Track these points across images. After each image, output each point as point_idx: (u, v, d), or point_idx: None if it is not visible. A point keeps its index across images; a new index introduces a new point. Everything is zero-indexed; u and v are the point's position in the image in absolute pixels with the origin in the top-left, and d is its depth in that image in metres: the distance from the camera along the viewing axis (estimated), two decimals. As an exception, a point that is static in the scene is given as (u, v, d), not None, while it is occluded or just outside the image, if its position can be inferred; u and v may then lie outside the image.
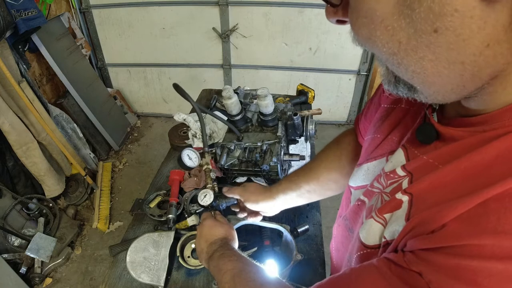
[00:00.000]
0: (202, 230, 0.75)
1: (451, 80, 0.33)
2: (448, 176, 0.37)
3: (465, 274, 0.30)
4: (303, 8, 2.73)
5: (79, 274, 2.03)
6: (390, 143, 0.52)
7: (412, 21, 0.30)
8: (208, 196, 0.83)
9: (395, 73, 0.37)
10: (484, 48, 0.29)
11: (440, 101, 0.37)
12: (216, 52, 3.06)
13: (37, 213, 2.15)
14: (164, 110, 3.53)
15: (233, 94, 1.14)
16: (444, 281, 0.32)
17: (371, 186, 0.52)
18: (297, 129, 1.13)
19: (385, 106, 0.58)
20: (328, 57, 2.97)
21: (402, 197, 0.41)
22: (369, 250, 0.47)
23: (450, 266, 0.31)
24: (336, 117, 3.38)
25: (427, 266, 0.33)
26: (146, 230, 1.02)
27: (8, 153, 2.06)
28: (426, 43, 0.31)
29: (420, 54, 0.32)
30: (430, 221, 0.35)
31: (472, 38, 0.29)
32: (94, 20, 3.01)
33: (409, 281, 0.35)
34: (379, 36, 0.33)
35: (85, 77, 2.83)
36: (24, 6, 2.04)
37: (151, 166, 2.89)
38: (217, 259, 0.66)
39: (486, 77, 0.32)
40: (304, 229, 0.98)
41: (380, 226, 0.44)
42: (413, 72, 0.33)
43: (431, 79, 0.33)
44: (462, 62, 0.31)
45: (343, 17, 0.38)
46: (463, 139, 0.37)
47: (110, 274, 0.90)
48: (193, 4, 2.82)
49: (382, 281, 0.38)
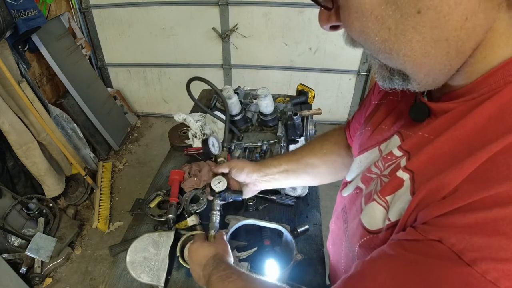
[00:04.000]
0: (191, 254, 0.72)
1: (438, 60, 0.35)
2: (445, 145, 0.38)
3: (486, 226, 0.29)
4: (303, 8, 2.73)
5: (79, 274, 2.03)
6: (381, 132, 0.53)
7: (398, 7, 0.33)
8: (222, 183, 0.83)
9: (388, 64, 0.39)
10: (463, 22, 0.32)
11: (431, 86, 0.39)
12: (216, 52, 3.06)
13: (37, 213, 2.15)
14: (164, 110, 3.53)
15: (233, 94, 1.14)
16: (466, 240, 0.30)
17: (368, 172, 0.53)
18: (297, 129, 1.14)
19: (375, 103, 0.60)
20: (328, 57, 2.98)
21: (402, 175, 0.42)
22: (372, 235, 0.46)
23: (470, 223, 0.30)
24: (336, 117, 3.38)
25: (446, 230, 0.32)
26: (146, 230, 1.02)
27: (8, 153, 2.06)
28: (412, 25, 0.33)
29: (408, 37, 0.34)
30: (439, 188, 0.35)
31: (452, 14, 0.32)
32: (94, 20, 3.01)
33: (429, 252, 0.33)
34: (371, 26, 0.36)
35: (85, 77, 2.83)
36: (24, 6, 2.04)
37: (151, 166, 2.89)
38: (216, 283, 0.61)
39: (469, 51, 0.35)
40: (304, 229, 0.98)
41: (383, 209, 0.44)
42: (404, 55, 0.36)
43: (420, 60, 0.36)
44: (446, 39, 0.33)
45: (336, 22, 0.40)
46: (454, 110, 0.39)
47: (110, 274, 0.90)
48: (193, 4, 2.82)
49: (397, 262, 0.36)
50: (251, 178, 0.84)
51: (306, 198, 1.12)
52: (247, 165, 0.84)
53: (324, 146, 0.82)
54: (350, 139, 0.76)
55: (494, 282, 0.28)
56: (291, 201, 1.07)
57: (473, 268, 0.29)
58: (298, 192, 1.10)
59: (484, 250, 0.29)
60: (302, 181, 0.86)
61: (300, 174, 0.82)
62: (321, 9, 0.41)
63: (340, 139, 0.81)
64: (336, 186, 2.32)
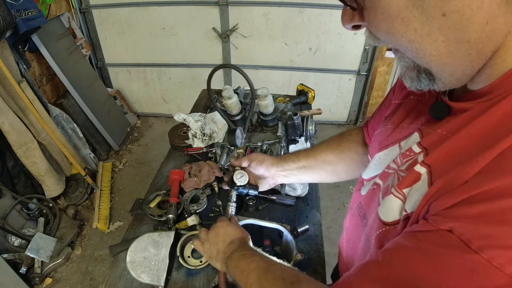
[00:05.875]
0: (218, 230, 0.73)
1: (460, 60, 0.38)
2: (462, 141, 0.39)
3: (494, 216, 0.31)
4: (303, 8, 2.73)
5: (79, 274, 2.03)
6: (401, 130, 0.55)
7: (424, 10, 0.35)
8: (244, 177, 0.85)
9: (415, 61, 0.41)
10: (484, 25, 0.34)
11: (454, 85, 0.41)
12: (216, 52, 3.06)
13: (37, 213, 2.15)
14: (164, 110, 3.53)
15: (233, 94, 1.14)
16: (474, 229, 0.32)
17: (387, 168, 0.54)
18: (297, 129, 1.14)
19: (395, 102, 0.62)
20: (328, 57, 2.98)
21: (420, 169, 0.43)
22: (388, 227, 0.48)
23: (478, 213, 0.32)
24: (336, 117, 3.38)
25: (455, 220, 0.34)
26: (146, 230, 1.02)
27: (8, 153, 2.06)
28: (437, 27, 0.36)
29: (434, 37, 0.37)
30: (453, 181, 0.36)
31: (474, 17, 0.34)
32: (94, 20, 3.01)
33: (439, 241, 0.35)
34: (397, 27, 0.38)
35: (85, 77, 2.84)
36: (24, 6, 2.04)
37: (151, 166, 2.89)
38: (237, 260, 0.63)
39: (489, 53, 0.37)
40: (304, 229, 0.98)
41: (400, 201, 0.46)
42: (430, 54, 0.38)
43: (445, 59, 0.38)
44: (468, 40, 0.36)
45: (359, 21, 0.42)
46: (472, 109, 0.41)
47: (110, 274, 0.91)
48: (193, 4, 2.82)
49: (411, 252, 0.38)
50: (270, 172, 0.87)
51: (306, 198, 1.12)
52: (267, 159, 0.87)
53: (342, 144, 0.84)
54: (368, 138, 0.77)
55: (500, 268, 0.30)
56: (291, 201, 1.07)
57: (480, 255, 0.31)
58: (298, 192, 1.10)
59: (490, 238, 0.31)
60: (319, 177, 0.88)
61: (317, 170, 0.85)
62: (345, 8, 0.42)
63: (358, 138, 0.83)
64: (336, 186, 2.34)
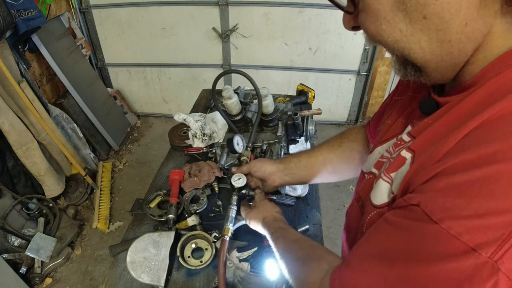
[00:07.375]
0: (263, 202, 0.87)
1: (443, 58, 0.41)
2: (442, 126, 0.43)
3: (453, 189, 0.34)
4: (303, 8, 2.73)
5: (79, 274, 2.04)
6: (399, 125, 0.58)
7: (407, 13, 0.39)
8: (242, 179, 0.88)
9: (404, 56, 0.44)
10: (463, 26, 0.38)
11: (440, 80, 0.45)
12: (216, 52, 3.06)
13: (37, 213, 2.15)
14: (164, 110, 3.53)
15: (233, 94, 1.14)
16: (435, 202, 0.36)
17: (381, 158, 0.57)
18: (297, 129, 1.14)
19: (395, 98, 0.65)
20: (328, 57, 2.98)
21: (405, 154, 0.47)
22: (379, 210, 0.51)
23: (441, 187, 0.36)
24: (336, 117, 3.38)
25: (423, 195, 0.38)
26: (146, 230, 1.02)
27: (8, 153, 2.06)
28: (420, 28, 0.39)
29: (417, 37, 0.40)
30: (428, 160, 0.40)
31: (453, 19, 0.37)
32: (94, 20, 3.01)
33: (408, 215, 0.39)
34: (384, 29, 0.42)
35: (85, 77, 2.84)
36: (24, 6, 2.04)
37: (151, 166, 2.89)
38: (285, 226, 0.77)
39: (470, 51, 0.41)
40: (304, 229, 0.98)
41: (388, 185, 0.49)
42: (415, 52, 0.42)
43: (428, 57, 0.42)
44: (449, 40, 0.39)
45: (356, 24, 0.46)
46: (455, 100, 0.44)
47: (110, 274, 0.90)
48: (193, 4, 2.82)
49: (387, 227, 0.43)
50: (271, 174, 0.88)
51: (306, 198, 1.12)
52: (267, 163, 0.89)
53: (342, 144, 0.86)
54: (371, 136, 0.78)
55: (457, 236, 0.33)
56: (291, 201, 1.07)
57: (440, 225, 0.34)
58: (298, 192, 1.10)
59: (449, 210, 0.34)
60: (321, 178, 0.89)
61: (319, 171, 0.86)
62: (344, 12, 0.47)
63: (359, 137, 0.84)
64: (336, 186, 2.34)
